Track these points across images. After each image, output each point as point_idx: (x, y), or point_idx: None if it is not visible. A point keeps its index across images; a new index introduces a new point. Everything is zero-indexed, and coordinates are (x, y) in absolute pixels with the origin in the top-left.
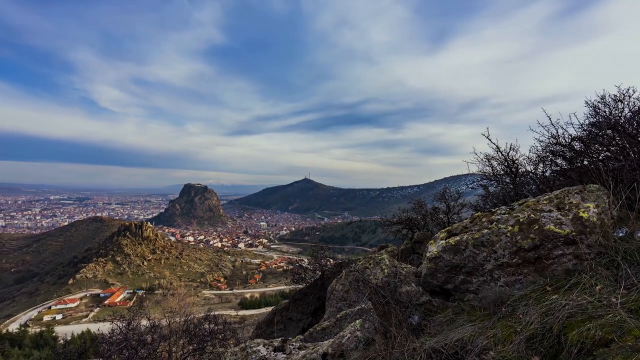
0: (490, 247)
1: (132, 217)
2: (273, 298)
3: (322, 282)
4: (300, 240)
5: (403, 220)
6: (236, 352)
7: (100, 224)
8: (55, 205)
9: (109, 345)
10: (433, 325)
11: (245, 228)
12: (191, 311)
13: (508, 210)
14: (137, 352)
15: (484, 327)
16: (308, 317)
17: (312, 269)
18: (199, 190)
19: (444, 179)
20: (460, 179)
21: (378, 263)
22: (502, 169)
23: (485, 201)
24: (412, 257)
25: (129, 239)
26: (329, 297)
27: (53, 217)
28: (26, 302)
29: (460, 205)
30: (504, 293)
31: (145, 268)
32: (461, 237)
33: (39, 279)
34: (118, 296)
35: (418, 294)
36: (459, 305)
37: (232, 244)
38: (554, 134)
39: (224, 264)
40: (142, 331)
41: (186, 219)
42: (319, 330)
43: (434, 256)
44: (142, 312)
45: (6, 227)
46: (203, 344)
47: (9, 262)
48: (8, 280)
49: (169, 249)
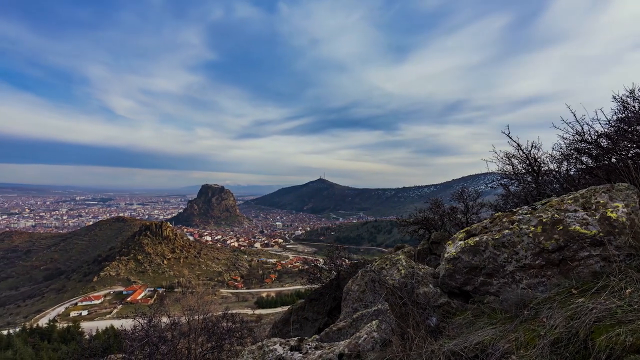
0: (512, 248)
1: (153, 217)
2: (289, 297)
3: (337, 282)
4: (316, 240)
5: (419, 221)
6: (253, 350)
7: (123, 224)
8: (81, 206)
9: (131, 341)
10: (452, 327)
11: (261, 228)
12: (209, 309)
13: (530, 210)
14: (158, 348)
15: (506, 331)
16: (324, 317)
17: (327, 269)
18: (216, 191)
19: (462, 178)
20: (479, 178)
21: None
22: (524, 167)
23: (505, 201)
24: (429, 258)
25: (149, 239)
26: (345, 297)
27: (79, 217)
28: (54, 298)
29: (479, 205)
30: (526, 295)
31: (165, 267)
32: (481, 238)
33: (66, 276)
34: (140, 294)
35: (436, 295)
36: (478, 307)
37: (248, 243)
38: (579, 130)
39: (240, 263)
40: (163, 328)
41: (204, 219)
42: (335, 331)
43: (453, 257)
44: (162, 310)
45: (36, 226)
46: (221, 342)
47: (38, 260)
48: (38, 277)
49: (187, 248)
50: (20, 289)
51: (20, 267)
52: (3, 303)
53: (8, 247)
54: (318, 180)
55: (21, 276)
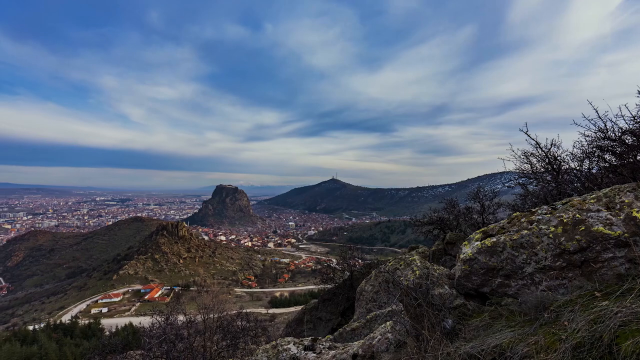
0: (531, 249)
1: (169, 217)
2: (302, 297)
3: (350, 282)
4: (328, 240)
5: (434, 221)
6: (267, 349)
7: (141, 224)
8: (101, 206)
9: (149, 338)
10: (468, 329)
11: (274, 228)
12: (224, 308)
13: (550, 210)
14: (175, 345)
15: (525, 334)
16: (337, 317)
17: (340, 269)
18: (230, 191)
19: (477, 178)
20: (495, 177)
21: (409, 264)
22: (543, 166)
23: (524, 200)
24: (444, 258)
25: (166, 238)
26: (358, 297)
27: (99, 217)
28: (76, 296)
29: (495, 204)
30: (546, 298)
31: (181, 266)
32: (498, 239)
33: (87, 274)
34: (157, 292)
35: (452, 296)
36: (496, 309)
37: (261, 243)
38: (602, 127)
39: (254, 262)
40: (179, 326)
41: (218, 219)
42: (348, 331)
43: (469, 258)
44: (179, 308)
45: (59, 226)
46: (236, 340)
47: (61, 259)
48: (61, 275)
49: (202, 248)
50: (44, 286)
51: (45, 265)
52: (29, 299)
53: (33, 246)
54: (330, 180)
55: (45, 274)
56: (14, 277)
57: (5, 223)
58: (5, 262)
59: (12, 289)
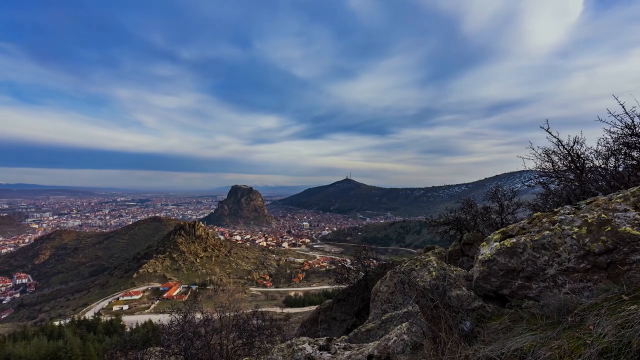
0: (553, 250)
1: (186, 217)
2: (316, 297)
3: (365, 283)
4: (342, 240)
5: (450, 221)
6: (283, 348)
7: (159, 223)
8: (122, 206)
9: (168, 335)
10: (487, 332)
11: (288, 228)
12: (240, 307)
13: (573, 210)
14: (192, 343)
15: (547, 337)
16: (352, 317)
17: (355, 269)
18: (245, 192)
19: (495, 177)
20: (514, 176)
21: (425, 265)
22: (565, 164)
23: (545, 200)
24: (461, 259)
25: (183, 238)
26: (373, 298)
27: (120, 217)
28: (99, 293)
29: (515, 204)
30: (569, 301)
31: (198, 265)
32: (518, 239)
33: (109, 272)
34: (175, 290)
35: (470, 298)
36: (516, 312)
37: (276, 243)
38: (629, 123)
39: (269, 262)
40: (197, 324)
41: (233, 219)
42: (363, 332)
43: (487, 259)
44: (196, 306)
45: (82, 226)
46: (252, 339)
47: (85, 257)
48: (85, 273)
49: (218, 247)
50: (69, 283)
51: (69, 264)
52: (55, 296)
53: (59, 245)
54: (344, 180)
55: (70, 272)
56: (41, 275)
57: (33, 223)
58: (33, 260)
59: (39, 286)
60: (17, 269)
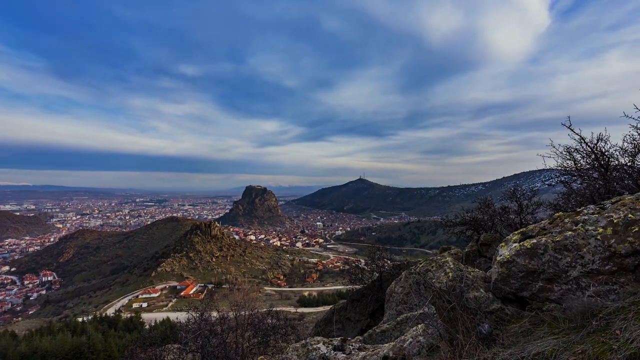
0: (576, 251)
1: (202, 217)
2: (330, 297)
3: (380, 283)
4: (356, 240)
5: (467, 221)
6: (297, 348)
7: (176, 223)
8: (140, 207)
9: (185, 332)
10: (506, 335)
11: (302, 228)
12: (255, 306)
13: (598, 210)
14: (209, 340)
15: (570, 342)
16: (366, 318)
17: (369, 269)
18: (259, 192)
19: (514, 176)
20: (534, 175)
21: (441, 266)
22: (588, 162)
23: (567, 199)
24: (478, 260)
25: (199, 237)
26: (388, 299)
27: (139, 217)
28: (119, 291)
29: (535, 204)
30: (594, 304)
31: (213, 264)
32: (538, 240)
33: (128, 270)
34: (191, 289)
35: (488, 300)
36: (537, 315)
37: (290, 243)
38: None
39: (283, 262)
40: (213, 322)
41: (248, 219)
42: (378, 333)
43: (506, 260)
44: (212, 305)
45: (103, 225)
46: (267, 338)
47: (106, 256)
48: (106, 271)
49: (233, 247)
50: (91, 281)
51: (91, 262)
52: (78, 293)
53: (81, 244)
54: (358, 180)
55: (92, 270)
56: (65, 273)
57: (57, 222)
58: (58, 258)
59: (63, 284)
60: (43, 266)
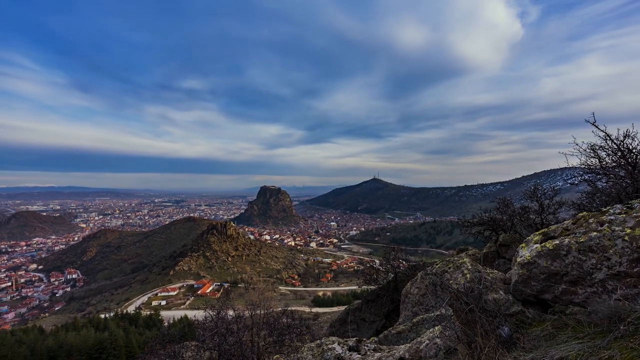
0: (602, 253)
1: (218, 217)
2: (345, 297)
3: (395, 284)
4: (370, 240)
5: (485, 221)
6: (312, 347)
7: (193, 223)
8: (159, 207)
9: (203, 330)
10: (527, 339)
11: (316, 228)
12: (270, 305)
13: (625, 210)
14: (225, 339)
15: (596, 347)
16: (381, 319)
17: (384, 270)
18: (273, 192)
19: (534, 174)
20: (556, 173)
21: (459, 267)
22: (614, 160)
23: (591, 199)
24: (497, 262)
25: (215, 237)
26: (404, 300)
27: (157, 217)
28: (139, 289)
29: (556, 203)
30: (622, 308)
31: (229, 263)
32: (561, 241)
33: (148, 269)
34: (208, 287)
35: (508, 302)
36: (560, 318)
37: (304, 243)
38: None
39: (297, 262)
40: (229, 320)
41: (262, 219)
42: (394, 334)
43: (527, 262)
44: (228, 303)
45: (124, 225)
46: (282, 337)
47: (127, 255)
48: (127, 270)
49: (249, 247)
50: (113, 279)
51: (113, 261)
52: (100, 291)
53: (104, 243)
54: (372, 180)
55: (113, 268)
56: (88, 271)
57: (81, 222)
58: (82, 257)
59: (87, 281)
60: (67, 264)
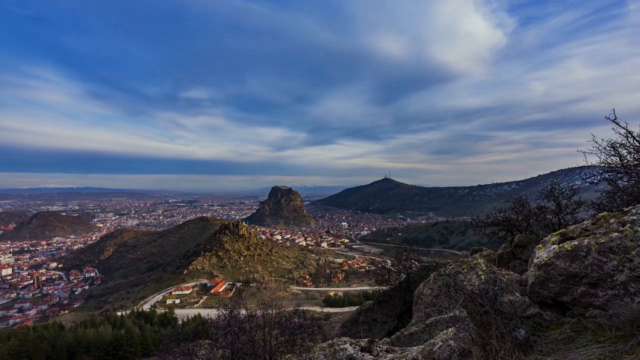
0: (624, 254)
1: (230, 217)
2: (356, 298)
3: (407, 285)
4: (382, 240)
5: (500, 222)
6: (324, 347)
7: (206, 223)
8: (173, 207)
9: (216, 329)
10: (545, 342)
11: (327, 228)
12: (282, 305)
13: None
14: (238, 337)
15: (617, 351)
16: (393, 320)
17: (396, 270)
18: (285, 192)
19: (551, 174)
20: (573, 172)
21: (473, 268)
22: (637, 158)
23: (612, 198)
24: (512, 263)
25: (228, 237)
26: (416, 301)
27: (171, 217)
28: (154, 287)
29: (575, 203)
30: None
31: (241, 263)
32: (580, 242)
33: (162, 268)
34: (221, 287)
35: (524, 305)
36: (579, 321)
37: (315, 243)
38: None
39: (308, 262)
40: (242, 319)
41: (274, 219)
42: (406, 335)
43: (544, 263)
44: (241, 303)
45: (139, 225)
46: (294, 337)
47: (142, 254)
48: (142, 268)
49: (260, 246)
50: (129, 277)
51: (129, 260)
52: (117, 289)
53: (120, 242)
54: (383, 180)
55: (129, 267)
56: (105, 269)
57: (98, 222)
58: (99, 255)
59: (104, 280)
60: (86, 263)
